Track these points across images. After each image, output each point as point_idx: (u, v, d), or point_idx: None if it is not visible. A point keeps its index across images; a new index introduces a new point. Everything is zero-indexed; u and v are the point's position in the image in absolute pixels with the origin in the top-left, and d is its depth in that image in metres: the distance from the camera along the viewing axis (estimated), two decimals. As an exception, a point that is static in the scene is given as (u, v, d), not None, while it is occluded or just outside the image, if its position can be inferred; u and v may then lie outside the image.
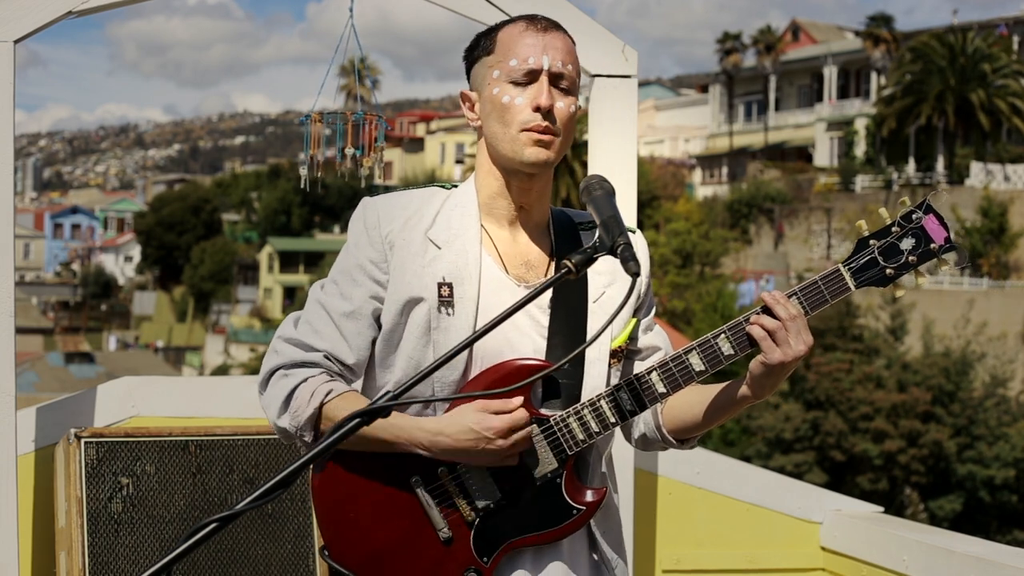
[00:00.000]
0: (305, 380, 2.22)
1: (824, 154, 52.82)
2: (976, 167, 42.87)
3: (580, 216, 2.38)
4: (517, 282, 2.25)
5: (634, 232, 2.37)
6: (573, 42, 2.29)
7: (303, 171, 3.83)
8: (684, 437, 2.37)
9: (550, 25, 2.27)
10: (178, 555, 1.68)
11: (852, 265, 2.23)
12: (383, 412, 1.87)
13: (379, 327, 2.25)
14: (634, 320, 2.34)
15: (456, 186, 2.34)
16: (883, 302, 29.50)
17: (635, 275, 2.01)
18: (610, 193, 2.18)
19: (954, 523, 25.09)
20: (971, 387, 27.46)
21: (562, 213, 2.38)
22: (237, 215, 73.33)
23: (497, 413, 2.16)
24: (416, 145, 69.21)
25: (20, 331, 3.47)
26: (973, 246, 39.68)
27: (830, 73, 54.33)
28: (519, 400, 2.17)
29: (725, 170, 56.63)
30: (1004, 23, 50.23)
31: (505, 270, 2.25)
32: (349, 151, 3.85)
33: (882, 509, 4.09)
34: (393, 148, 62.13)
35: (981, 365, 28.29)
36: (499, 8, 3.56)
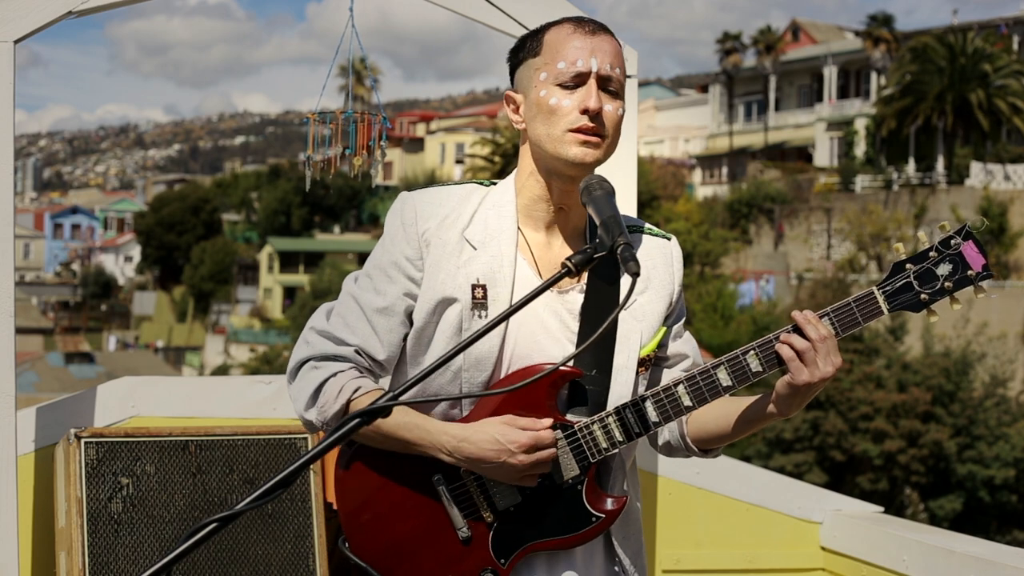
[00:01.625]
0: (334, 375, 2.22)
1: (824, 154, 52.82)
2: (976, 167, 42.88)
3: (628, 220, 2.36)
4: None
5: (669, 239, 2.38)
6: (620, 44, 2.27)
7: (307, 172, 3.83)
8: (708, 447, 2.37)
9: (598, 27, 2.25)
10: (178, 555, 1.68)
11: (887, 288, 2.22)
12: (383, 412, 1.87)
13: (411, 324, 2.25)
14: (664, 329, 2.33)
15: (495, 183, 2.33)
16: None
17: (635, 275, 2.00)
18: (610, 193, 2.17)
19: (954, 523, 25.10)
20: (971, 387, 27.46)
21: None
22: (237, 215, 73.33)
23: (524, 429, 2.16)
24: (416, 145, 69.20)
25: (20, 331, 3.47)
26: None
27: (830, 73, 54.33)
28: (548, 421, 2.17)
29: (725, 170, 56.63)
30: (1004, 23, 50.22)
31: (539, 274, 2.24)
32: (348, 151, 3.84)
33: (882, 509, 4.09)
34: (393, 148, 62.12)
35: (981, 365, 28.29)
36: (499, 8, 3.56)
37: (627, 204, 3.55)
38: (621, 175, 3.53)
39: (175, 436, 3.48)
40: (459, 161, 60.62)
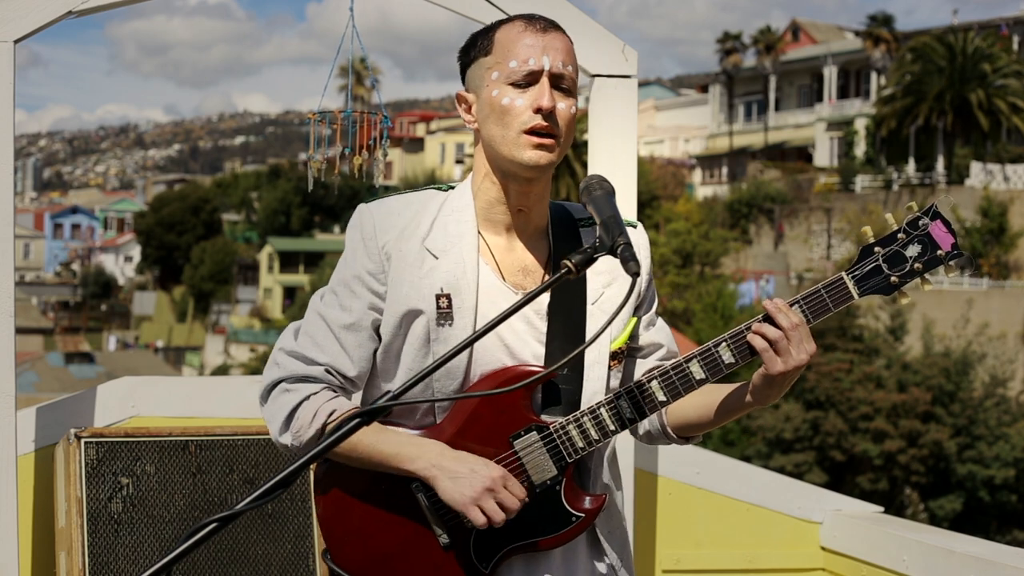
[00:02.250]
0: (308, 398, 2.21)
1: (824, 154, 52.81)
2: (976, 167, 42.87)
3: (581, 211, 2.35)
4: (515, 289, 2.23)
5: (635, 227, 2.36)
6: (571, 41, 2.26)
7: (309, 172, 3.83)
8: (688, 435, 2.36)
9: (549, 25, 2.23)
10: (178, 555, 1.68)
11: (856, 273, 2.20)
12: (383, 411, 1.87)
13: (380, 338, 2.24)
14: (634, 319, 2.32)
15: (453, 187, 2.31)
16: (883, 302, 29.47)
17: (635, 275, 2.00)
18: (610, 193, 2.17)
19: (954, 523, 25.10)
20: (971, 387, 27.46)
21: (561, 209, 2.35)
22: (237, 215, 73.32)
23: (506, 484, 2.15)
24: (416, 145, 69.20)
25: (20, 331, 3.47)
26: (973, 246, 39.68)
27: (830, 73, 54.33)
28: (523, 488, 2.16)
29: (725, 170, 56.62)
30: (1004, 23, 50.22)
31: (502, 277, 2.23)
32: (349, 151, 3.84)
33: (882, 509, 4.09)
34: (393, 148, 62.13)
35: (981, 365, 28.30)
36: (499, 8, 3.56)
37: (627, 204, 3.55)
38: (621, 175, 3.53)
39: (175, 436, 3.48)
40: (459, 161, 60.62)
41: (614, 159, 3.64)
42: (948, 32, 46.46)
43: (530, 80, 2.18)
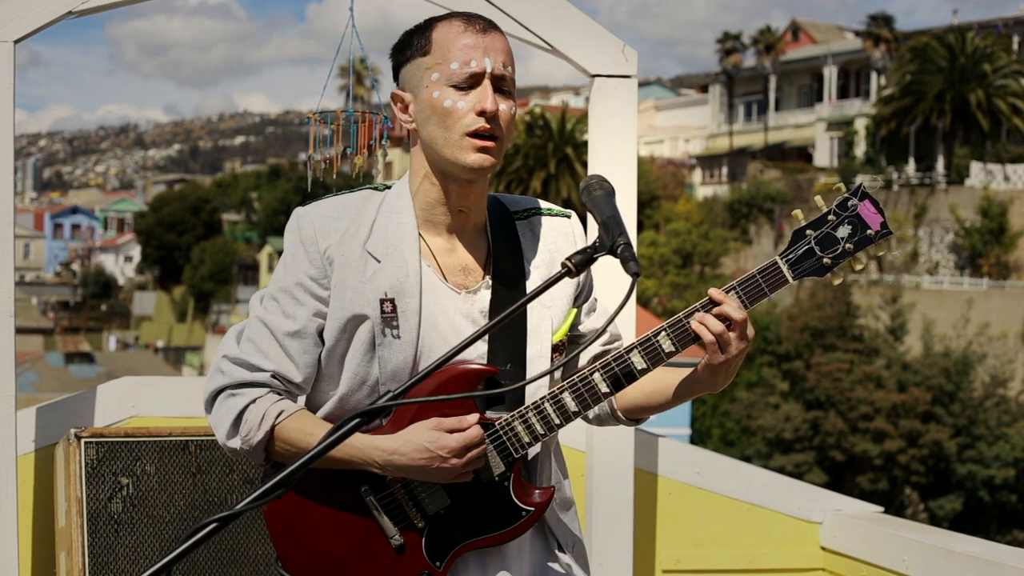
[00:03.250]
0: (254, 401, 2.20)
1: (824, 154, 52.82)
2: (976, 167, 42.89)
3: (515, 204, 2.35)
4: (457, 289, 2.23)
5: (569, 216, 2.37)
6: (508, 41, 2.24)
7: (308, 172, 3.83)
8: (637, 417, 2.38)
9: (488, 25, 2.21)
10: (178, 555, 1.68)
11: (790, 256, 2.22)
12: (384, 411, 1.87)
13: (323, 342, 2.23)
14: (574, 310, 2.33)
15: (389, 187, 2.30)
16: (883, 302, 29.50)
17: (635, 275, 2.01)
18: (610, 193, 2.17)
19: (954, 523, 25.11)
20: (971, 387, 27.47)
21: (497, 203, 2.34)
22: (237, 215, 73.35)
23: (451, 431, 2.15)
24: (416, 145, 69.13)
25: (20, 331, 3.47)
26: (973, 246, 39.69)
27: (830, 73, 54.34)
28: (474, 418, 2.16)
29: (725, 170, 56.63)
30: (1004, 23, 50.23)
31: (444, 278, 2.23)
32: (350, 151, 3.84)
33: (882, 509, 4.09)
34: (393, 148, 62.12)
35: (981, 365, 28.30)
36: (499, 8, 3.56)
37: (627, 204, 3.55)
38: (621, 175, 3.53)
39: (175, 436, 3.48)
40: (459, 161, 60.58)
41: (614, 159, 3.64)
42: (948, 32, 46.47)
43: (472, 83, 2.16)
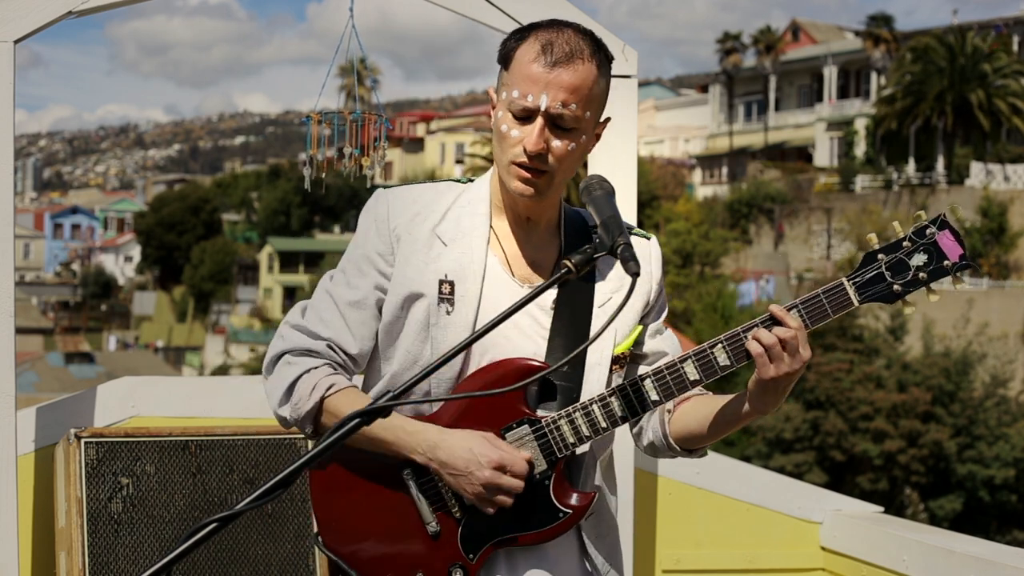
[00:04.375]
0: (308, 371, 2.23)
1: (824, 154, 52.81)
2: (976, 167, 42.88)
3: (600, 212, 2.35)
4: (521, 283, 2.24)
5: (649, 239, 2.37)
6: (590, 71, 2.17)
7: (306, 172, 3.83)
8: (691, 447, 2.35)
9: (564, 57, 2.14)
10: (178, 555, 1.68)
11: (857, 279, 2.17)
12: (383, 412, 1.88)
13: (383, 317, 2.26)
14: (640, 327, 2.32)
15: (472, 180, 2.33)
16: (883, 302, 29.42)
17: (635, 275, 2.01)
18: (610, 193, 2.17)
19: (954, 523, 25.09)
20: (971, 387, 27.46)
21: (576, 214, 2.35)
22: (237, 215, 73.34)
23: (498, 448, 2.15)
24: (416, 145, 69.19)
25: (20, 331, 3.47)
26: (973, 246, 39.67)
27: (830, 73, 54.33)
28: (524, 457, 2.16)
29: (725, 170, 56.62)
30: (1004, 23, 50.22)
31: (510, 271, 2.24)
32: (348, 150, 3.84)
33: (882, 509, 4.09)
34: (393, 148, 62.12)
35: (981, 365, 28.29)
36: (499, 8, 3.56)
37: (627, 204, 3.55)
38: (621, 175, 3.53)
39: (175, 436, 3.48)
40: (459, 161, 60.60)
41: (614, 159, 3.64)
42: (948, 32, 46.46)
43: (526, 115, 2.16)
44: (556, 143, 2.16)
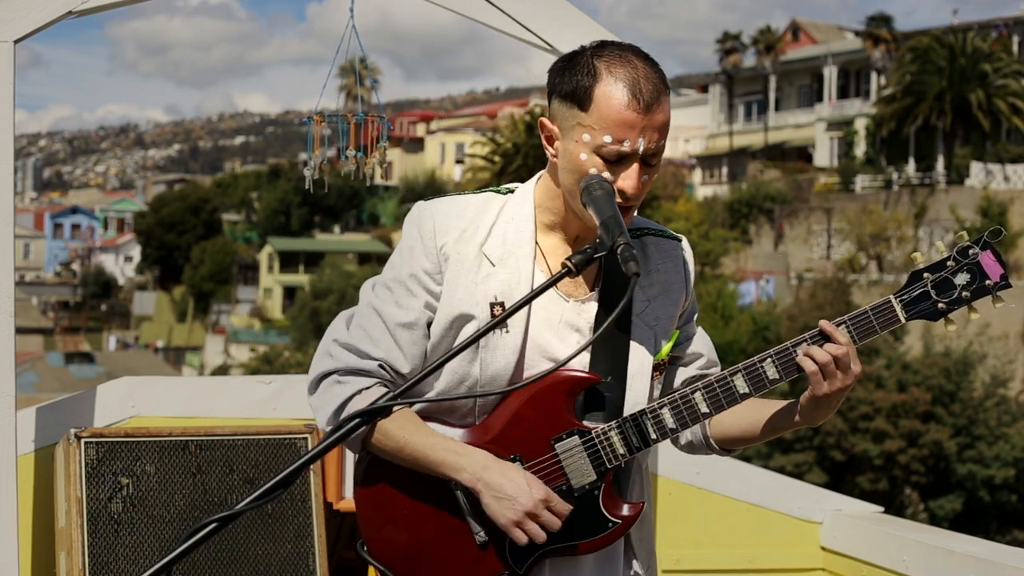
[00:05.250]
0: (360, 392, 2.21)
1: (824, 154, 52.82)
2: (976, 167, 42.88)
3: (635, 223, 2.34)
4: (567, 298, 2.24)
5: (680, 240, 2.39)
6: (669, 106, 2.18)
7: (307, 172, 3.83)
8: (730, 447, 2.39)
9: (653, 98, 2.13)
10: (178, 555, 1.68)
11: (904, 297, 2.24)
12: (383, 412, 1.88)
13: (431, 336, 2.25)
14: (677, 332, 2.34)
15: (511, 191, 2.31)
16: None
17: (635, 275, 2.02)
18: (610, 193, 2.17)
19: (954, 523, 25.10)
20: (971, 387, 27.46)
21: None
22: (237, 215, 73.32)
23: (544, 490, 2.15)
24: (416, 145, 69.22)
25: (20, 331, 3.47)
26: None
27: (830, 73, 54.33)
28: (567, 505, 2.16)
29: (725, 170, 56.63)
30: (1004, 23, 50.22)
31: (557, 288, 2.24)
32: (351, 152, 3.84)
33: (882, 509, 4.09)
34: (393, 148, 62.07)
35: (981, 365, 28.29)
36: (499, 8, 3.56)
37: (627, 204, 3.54)
38: (621, 175, 3.52)
39: (175, 436, 3.48)
40: (459, 161, 60.62)
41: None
42: (948, 32, 46.46)
43: (620, 158, 2.15)
44: (644, 178, 2.18)
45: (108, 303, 74.05)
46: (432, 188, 55.73)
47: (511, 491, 2.14)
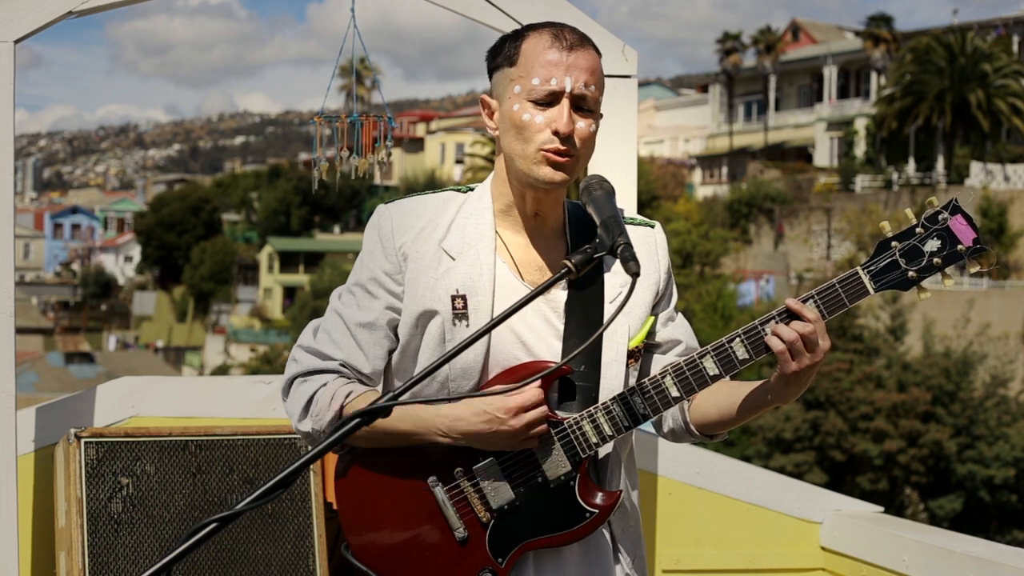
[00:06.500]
0: (324, 384, 2.25)
1: (824, 154, 52.81)
2: (976, 167, 42.86)
3: (600, 212, 2.36)
4: (531, 287, 2.24)
5: (653, 227, 2.38)
6: (599, 56, 2.24)
7: (315, 173, 3.83)
8: (711, 432, 2.37)
9: (577, 42, 2.21)
10: (178, 555, 1.68)
11: (872, 268, 2.18)
12: (383, 412, 1.88)
13: (397, 339, 2.27)
14: (652, 318, 2.33)
15: (472, 189, 2.33)
16: (883, 302, 29.49)
17: (635, 275, 2.02)
18: (610, 193, 2.18)
19: (954, 523, 25.09)
20: (971, 387, 27.45)
21: (579, 210, 2.35)
22: (237, 215, 73.31)
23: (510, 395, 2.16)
24: (416, 145, 69.18)
25: (20, 331, 3.47)
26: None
27: (830, 73, 54.33)
28: (534, 388, 2.17)
29: (725, 170, 56.61)
30: (1004, 23, 50.22)
31: (520, 276, 2.25)
32: (344, 155, 3.84)
33: (882, 509, 4.09)
34: (393, 148, 62.09)
35: (982, 365, 28.28)
36: (499, 8, 3.56)
37: (627, 204, 3.54)
38: (621, 175, 3.53)
39: (175, 436, 3.48)
40: (459, 161, 60.61)
41: (614, 159, 3.64)
42: (948, 32, 46.45)
43: (550, 100, 2.18)
44: (580, 124, 2.19)
45: (108, 303, 74.05)
46: (432, 188, 55.66)
47: (487, 428, 2.15)
